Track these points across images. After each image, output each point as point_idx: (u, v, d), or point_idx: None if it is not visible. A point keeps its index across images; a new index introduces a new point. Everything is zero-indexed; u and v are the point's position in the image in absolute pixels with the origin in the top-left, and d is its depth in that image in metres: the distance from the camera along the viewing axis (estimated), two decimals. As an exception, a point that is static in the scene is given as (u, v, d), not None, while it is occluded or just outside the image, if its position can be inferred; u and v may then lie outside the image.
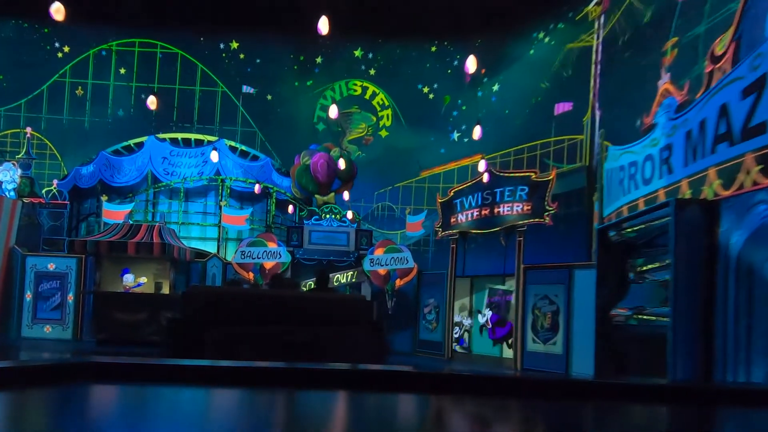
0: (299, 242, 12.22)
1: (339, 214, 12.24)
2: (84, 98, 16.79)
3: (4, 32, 17.35)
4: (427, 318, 11.90)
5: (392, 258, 11.59)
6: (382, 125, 15.45)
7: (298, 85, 15.49)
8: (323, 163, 13.59)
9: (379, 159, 14.91)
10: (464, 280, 11.59)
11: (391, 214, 14.24)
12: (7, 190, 14.11)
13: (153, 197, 14.86)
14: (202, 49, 16.30)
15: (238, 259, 12.39)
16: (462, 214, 11.10)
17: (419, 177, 14.35)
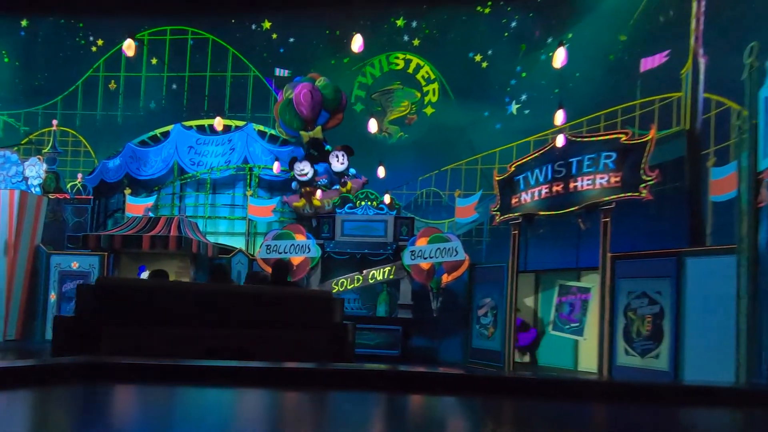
0: (330, 234, 10.30)
1: (376, 200, 10.22)
2: (116, 92, 15.91)
3: (42, 30, 16.88)
4: (482, 322, 9.63)
5: (438, 249, 9.41)
6: (428, 101, 13.30)
7: (335, 63, 13.68)
8: (306, 93, 11.60)
9: (423, 140, 12.79)
10: (527, 275, 9.29)
11: (437, 201, 12.05)
12: (33, 186, 13.19)
13: (180, 190, 13.51)
14: (233, 31, 14.93)
15: (263, 254, 10.65)
16: (527, 192, 8.80)
17: (471, 158, 12.07)
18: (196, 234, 11.40)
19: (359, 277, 9.89)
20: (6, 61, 17.13)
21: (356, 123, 13.19)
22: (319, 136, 11.88)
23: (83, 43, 16.37)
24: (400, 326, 9.68)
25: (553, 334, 9.00)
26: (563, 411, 1.36)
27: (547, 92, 11.56)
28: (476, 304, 9.83)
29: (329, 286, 10.09)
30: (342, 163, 11.59)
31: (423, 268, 9.49)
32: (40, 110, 16.17)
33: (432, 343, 10.22)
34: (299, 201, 11.72)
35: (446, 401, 1.44)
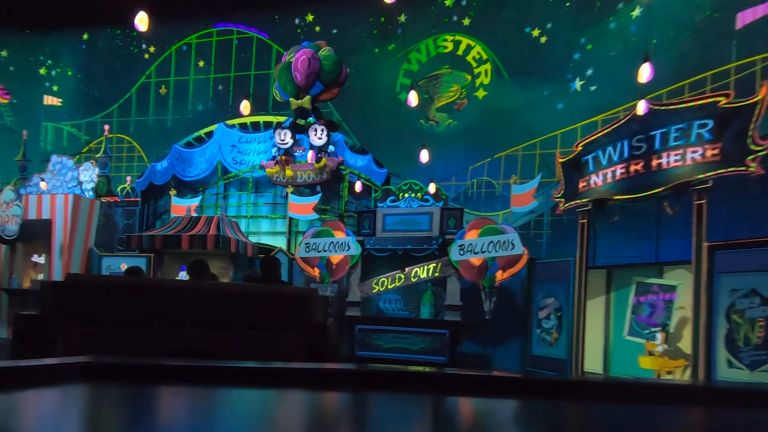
0: (371, 230, 9.30)
1: (420, 191, 9.12)
2: (167, 96, 15.94)
3: (100, 42, 17.30)
4: (544, 326, 8.27)
5: (491, 242, 8.15)
6: (479, 84, 12.04)
7: (378, 51, 12.79)
8: (304, 59, 10.82)
9: (474, 126, 11.57)
10: (597, 271, 7.88)
11: (490, 191, 10.76)
12: (86, 190, 13.28)
13: (223, 190, 13.07)
14: (276, 28, 14.45)
15: (302, 252, 9.84)
16: (597, 174, 7.44)
17: (528, 143, 10.69)
18: (235, 233, 10.84)
19: (401, 275, 8.80)
20: (69, 75, 17.71)
21: (401, 113, 12.21)
22: (307, 105, 11.23)
23: (136, 51, 16.55)
24: (447, 330, 8.49)
25: (628, 339, 7.54)
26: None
27: (617, 65, 10.03)
28: (536, 305, 8.46)
29: (369, 285, 9.09)
30: (320, 138, 11.05)
31: (473, 264, 8.26)
32: (99, 119, 16.45)
33: (484, 349, 8.94)
34: (273, 168, 11.39)
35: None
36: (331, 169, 10.86)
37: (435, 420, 1.31)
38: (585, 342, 7.82)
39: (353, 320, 9.19)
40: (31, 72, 17.89)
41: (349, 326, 9.25)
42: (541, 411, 1.38)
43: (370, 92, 12.74)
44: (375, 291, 9.12)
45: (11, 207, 12.55)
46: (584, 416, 1.35)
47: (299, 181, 11.15)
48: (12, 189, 12.82)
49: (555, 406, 1.40)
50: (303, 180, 11.12)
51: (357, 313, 9.31)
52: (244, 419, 1.20)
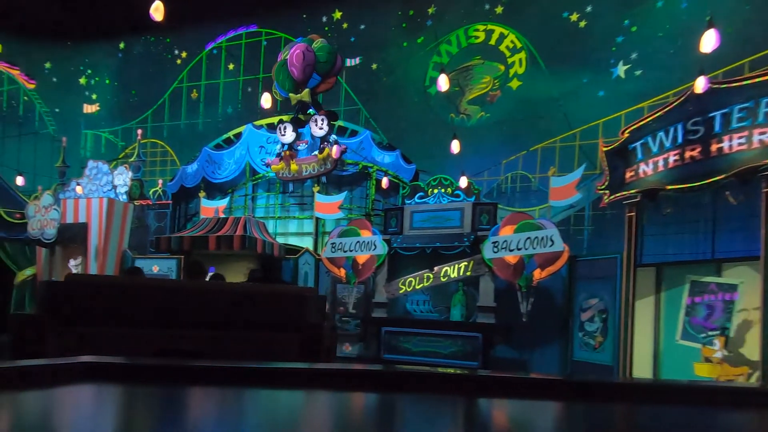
0: (398, 228, 8.80)
1: (450, 186, 8.55)
2: (198, 100, 15.97)
3: (136, 50, 17.57)
4: (587, 329, 7.55)
5: (528, 239, 7.49)
6: (513, 74, 11.36)
7: (407, 45, 12.32)
8: (299, 53, 10.68)
9: (508, 117, 10.90)
10: (646, 270, 7.16)
11: (525, 186, 10.07)
12: (120, 193, 13.37)
13: (252, 191, 12.86)
14: (304, 26, 14.17)
15: (328, 253, 9.43)
16: (647, 162, 6.74)
17: (566, 133, 9.95)
18: (262, 234, 10.57)
19: (429, 275, 8.24)
20: (107, 83, 18.08)
21: (430, 108, 11.70)
22: (306, 99, 11.07)
23: (169, 57, 16.70)
24: (480, 333, 7.86)
25: (682, 344, 6.77)
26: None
27: (665, 46, 9.22)
28: (578, 306, 7.75)
29: (396, 286, 8.58)
30: (321, 128, 10.83)
31: (509, 262, 7.62)
32: (134, 125, 16.65)
33: (521, 353, 8.25)
34: (278, 164, 11.31)
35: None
36: (335, 159, 10.65)
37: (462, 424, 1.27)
38: (632, 347, 7.09)
39: (379, 322, 8.70)
40: (72, 82, 18.35)
41: (375, 328, 8.77)
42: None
43: (399, 87, 12.28)
44: (402, 291, 8.60)
45: (50, 211, 12.71)
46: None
47: (305, 174, 11.03)
48: (51, 194, 13.01)
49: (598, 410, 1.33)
50: (308, 173, 10.98)
51: (383, 314, 8.81)
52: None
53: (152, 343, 3.09)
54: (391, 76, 12.38)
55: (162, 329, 3.16)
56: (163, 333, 3.13)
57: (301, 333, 3.23)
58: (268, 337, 3.17)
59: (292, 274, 10.37)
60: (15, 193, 13.69)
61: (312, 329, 3.34)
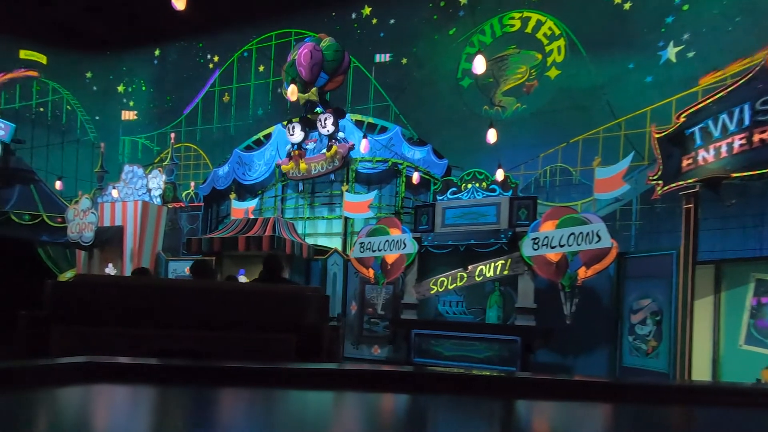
0: (429, 225, 8.28)
1: (485, 180, 7.97)
2: (229, 104, 15.94)
3: (170, 56, 17.76)
4: (638, 332, 6.83)
5: (572, 234, 6.83)
6: (551, 63, 10.66)
7: (438, 38, 11.81)
8: (306, 52, 10.68)
9: (546, 108, 10.21)
10: (704, 268, 6.43)
11: (565, 179, 9.37)
12: (155, 196, 13.41)
13: (281, 192, 12.61)
14: (333, 24, 13.91)
15: (357, 253, 9.00)
16: (707, 149, 6.02)
17: (610, 123, 9.21)
18: (291, 234, 10.27)
19: (463, 274, 7.66)
20: (143, 90, 18.35)
21: (463, 101, 11.14)
22: (314, 98, 11.03)
23: (202, 61, 16.77)
24: (518, 336, 7.22)
25: (745, 349, 5.99)
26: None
27: (722, 23, 8.39)
28: (628, 307, 7.01)
29: (426, 286, 8.03)
30: (324, 127, 10.81)
31: (551, 260, 6.97)
32: (168, 129, 16.78)
33: (564, 358, 7.55)
34: (288, 164, 11.30)
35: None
36: (343, 156, 10.59)
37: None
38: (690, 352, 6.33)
39: (409, 324, 8.18)
40: (111, 90, 18.73)
41: (404, 331, 8.25)
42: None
43: (430, 81, 11.78)
44: (433, 292, 8.06)
45: (88, 215, 12.83)
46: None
47: (314, 173, 11.08)
48: (89, 198, 13.14)
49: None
50: (317, 171, 11.01)
51: (413, 316, 8.29)
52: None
53: (151, 343, 3.02)
54: (421, 71, 11.90)
55: (162, 329, 3.07)
56: (163, 333, 3.03)
57: (298, 334, 3.02)
58: (264, 337, 2.98)
59: (321, 276, 10.02)
60: (57, 198, 13.95)
61: (310, 330, 3.12)
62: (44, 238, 13.50)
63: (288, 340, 2.94)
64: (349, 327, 9.54)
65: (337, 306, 9.74)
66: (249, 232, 10.31)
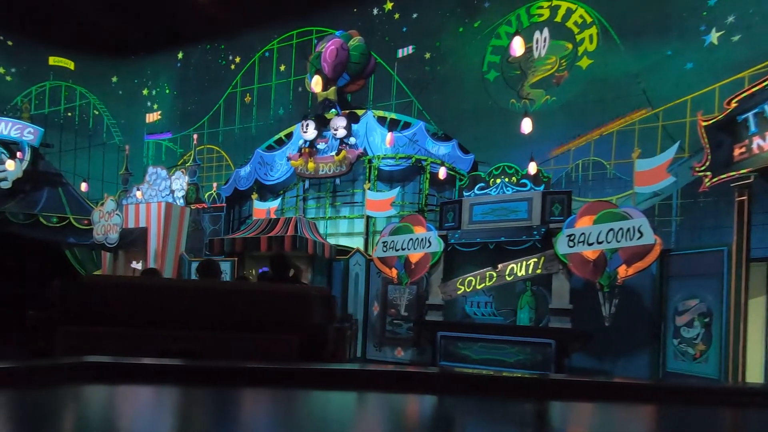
0: (456, 222, 7.85)
1: (515, 175, 7.52)
2: (251, 104, 15.78)
3: (193, 59, 17.73)
4: (684, 335, 6.30)
5: (611, 230, 6.33)
6: (582, 52, 10.11)
7: (463, 30, 11.38)
8: (333, 49, 10.46)
9: (577, 100, 9.67)
10: (756, 266, 5.88)
11: (599, 173, 8.83)
12: (178, 198, 13.33)
13: (303, 191, 12.33)
14: (354, 20, 13.60)
15: (380, 252, 8.63)
16: (763, 136, 5.52)
17: (647, 113, 8.65)
18: (313, 234, 9.99)
19: (492, 273, 7.20)
20: (167, 93, 18.38)
21: (489, 94, 10.69)
22: (332, 97, 10.86)
23: (224, 63, 16.67)
24: (552, 339, 6.74)
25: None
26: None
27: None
28: (673, 308, 6.47)
29: (453, 286, 7.60)
30: (336, 130, 10.64)
31: (588, 257, 6.48)
32: (191, 131, 16.74)
33: (602, 363, 7.03)
34: (298, 160, 11.16)
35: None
36: (351, 162, 10.47)
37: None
38: (744, 357, 5.78)
39: (435, 326, 7.76)
40: (136, 93, 18.83)
41: (429, 333, 7.84)
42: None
43: (455, 75, 11.35)
44: (460, 292, 7.62)
45: (112, 216, 12.79)
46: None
47: (320, 174, 11.00)
48: (114, 199, 13.13)
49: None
50: (324, 172, 10.93)
51: (439, 317, 7.87)
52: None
53: (154, 343, 2.94)
54: (445, 65, 11.48)
55: (166, 329, 3.00)
56: (166, 333, 2.96)
57: (302, 335, 2.90)
58: (266, 338, 2.88)
59: (343, 276, 9.70)
60: (84, 200, 14.00)
61: (314, 331, 3.03)
62: (71, 240, 13.52)
63: (290, 341, 2.83)
64: (372, 328, 9.19)
65: (359, 307, 9.41)
66: (271, 232, 10.08)
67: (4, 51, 18.40)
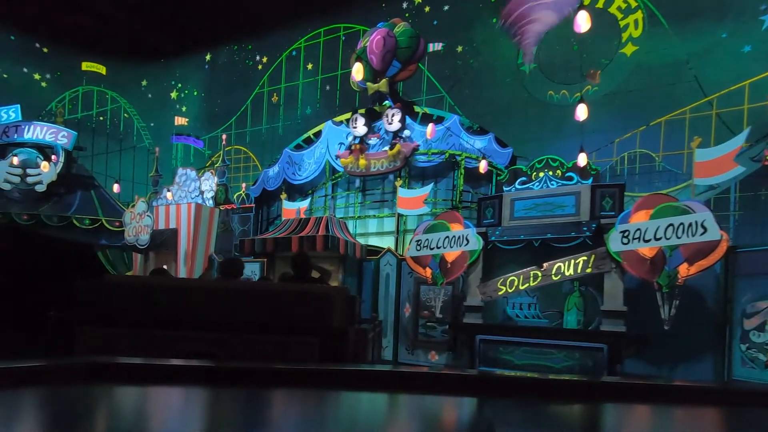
0: (496, 219, 7.35)
1: (560, 167, 6.98)
2: (278, 104, 15.56)
3: (220, 59, 17.65)
4: (753, 339, 5.69)
5: (670, 225, 5.75)
6: (627, 38, 9.46)
7: (497, 21, 10.86)
8: (379, 39, 9.85)
9: (621, 89, 9.05)
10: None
11: (647, 166, 8.22)
12: (207, 198, 13.17)
13: (332, 190, 11.99)
14: (384, 16, 13.21)
15: (413, 251, 8.20)
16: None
17: (698, 101, 8.00)
18: (344, 234, 9.64)
19: (537, 272, 6.67)
20: (195, 95, 18.35)
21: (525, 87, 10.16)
22: (384, 89, 10.28)
23: (251, 64, 16.51)
24: (604, 343, 6.19)
25: None
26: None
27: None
28: (740, 310, 5.84)
29: (494, 286, 7.09)
30: (390, 123, 10.03)
31: (644, 255, 5.91)
32: (219, 133, 16.62)
33: (658, 369, 6.42)
34: (348, 158, 10.61)
35: None
36: (406, 156, 9.84)
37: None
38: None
39: (473, 329, 7.27)
40: (165, 97, 18.87)
41: (467, 336, 7.35)
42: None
43: (489, 68, 10.85)
44: (501, 293, 7.11)
45: (143, 218, 12.70)
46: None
47: (372, 171, 10.45)
48: (145, 201, 13.06)
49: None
50: (377, 169, 10.36)
51: (477, 320, 7.37)
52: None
53: (169, 344, 2.84)
54: (478, 58, 10.98)
55: (182, 331, 2.86)
56: (181, 335, 2.81)
57: (323, 337, 2.83)
58: (285, 339, 2.79)
59: (373, 276, 9.30)
60: (115, 202, 13.99)
61: (334, 332, 2.96)
62: (103, 242, 13.49)
63: (311, 343, 2.75)
64: (403, 330, 8.76)
65: (390, 308, 8.99)
66: (302, 232, 9.75)
67: (40, 58, 18.66)
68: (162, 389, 1.34)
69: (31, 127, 13.53)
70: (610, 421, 1.29)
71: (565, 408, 1.33)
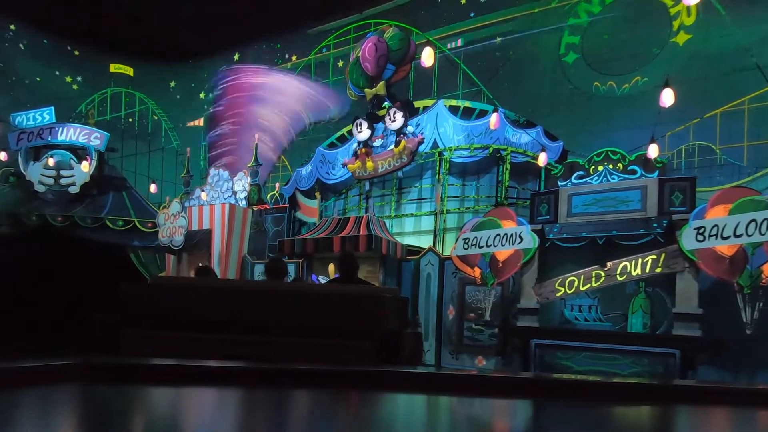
0: (552, 215, 6.95)
1: (621, 160, 6.55)
2: (309, 102, 15.27)
3: (249, 59, 17.42)
4: None
5: (753, 221, 5.30)
6: (679, 27, 8.95)
7: (538, 11, 10.41)
8: (370, 46, 10.23)
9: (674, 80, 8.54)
10: None
11: (705, 159, 7.74)
12: (240, 199, 12.98)
13: (367, 189, 11.67)
14: (416, 10, 12.82)
15: (459, 250, 7.83)
16: None
17: (760, 91, 7.49)
18: (384, 233, 9.33)
19: (600, 272, 6.26)
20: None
21: (568, 79, 9.71)
22: (382, 92, 10.43)
23: (279, 62, 16.26)
24: (676, 349, 5.76)
25: None
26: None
27: None
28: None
29: (551, 287, 6.69)
30: (393, 121, 10.05)
31: (723, 254, 5.47)
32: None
33: (735, 377, 5.97)
34: (354, 163, 10.75)
35: None
36: (412, 150, 9.89)
37: None
38: None
39: (528, 332, 6.88)
40: (194, 97, 18.73)
41: (520, 340, 6.96)
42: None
43: (529, 60, 10.40)
44: (560, 294, 6.71)
45: (178, 219, 12.56)
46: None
47: (380, 171, 10.46)
48: (178, 201, 12.92)
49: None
50: (384, 169, 10.37)
51: (533, 323, 6.98)
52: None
53: (214, 347, 2.79)
54: (517, 49, 10.54)
55: (227, 333, 2.81)
56: (227, 337, 2.76)
57: (375, 341, 2.70)
58: (337, 344, 2.68)
59: (413, 277, 8.96)
60: (147, 204, 13.85)
61: (389, 337, 2.84)
62: (136, 243, 13.39)
63: (364, 348, 2.62)
64: (446, 334, 8.41)
65: (432, 310, 8.64)
66: (342, 231, 9.46)
67: (71, 60, 18.68)
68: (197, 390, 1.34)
69: (65, 129, 13.47)
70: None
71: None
